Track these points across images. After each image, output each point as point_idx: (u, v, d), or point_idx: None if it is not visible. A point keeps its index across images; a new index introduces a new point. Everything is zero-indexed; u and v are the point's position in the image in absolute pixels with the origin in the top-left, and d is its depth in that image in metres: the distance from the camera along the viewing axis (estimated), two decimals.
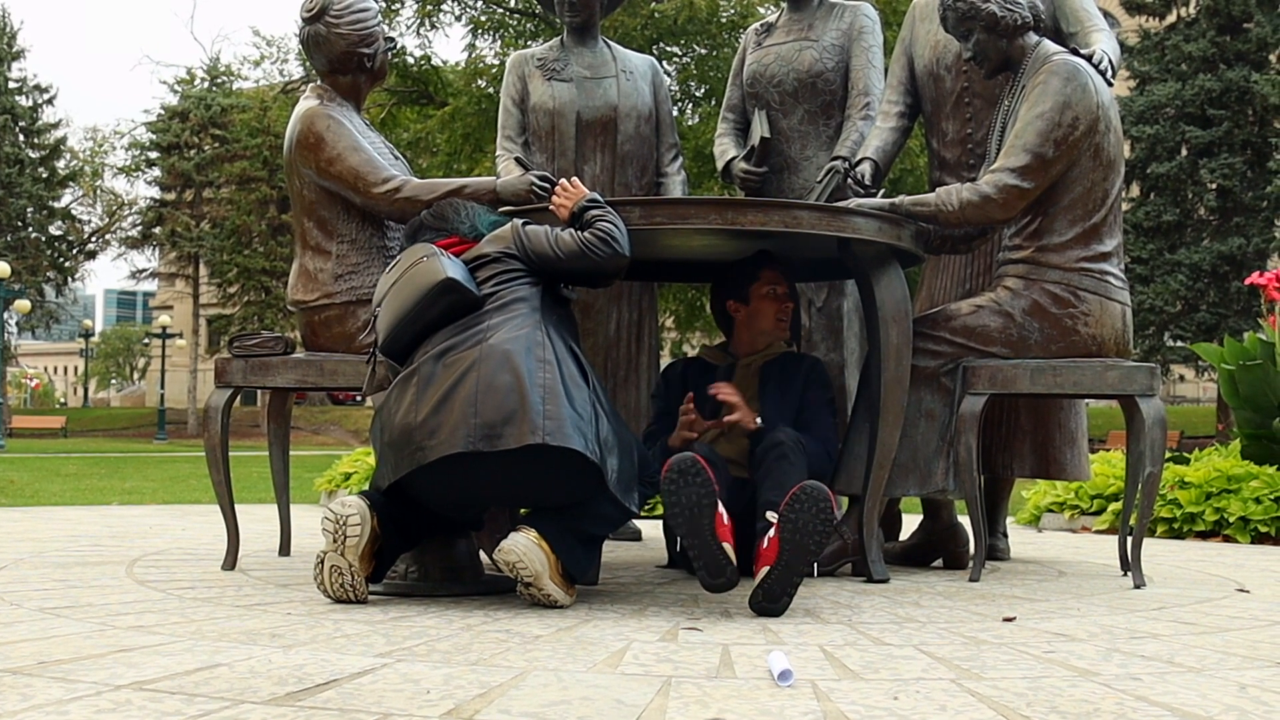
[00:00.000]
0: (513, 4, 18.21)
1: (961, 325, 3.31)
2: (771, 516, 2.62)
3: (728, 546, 2.52)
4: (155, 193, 38.51)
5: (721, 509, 2.55)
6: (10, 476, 10.05)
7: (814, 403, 3.31)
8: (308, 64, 22.73)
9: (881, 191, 3.68)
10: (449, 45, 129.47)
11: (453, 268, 2.79)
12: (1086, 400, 3.63)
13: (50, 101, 37.83)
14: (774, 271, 3.36)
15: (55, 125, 38.00)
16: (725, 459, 3.20)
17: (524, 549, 2.57)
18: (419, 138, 18.37)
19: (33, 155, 36.96)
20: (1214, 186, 22.35)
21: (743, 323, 3.41)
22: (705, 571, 2.50)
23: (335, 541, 2.61)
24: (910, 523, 4.16)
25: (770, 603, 2.52)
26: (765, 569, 2.52)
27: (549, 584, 2.60)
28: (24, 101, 37.09)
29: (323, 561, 2.64)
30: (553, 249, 2.88)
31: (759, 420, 3.17)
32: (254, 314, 35.27)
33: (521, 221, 2.98)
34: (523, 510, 3.00)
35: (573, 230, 2.92)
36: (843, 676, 1.91)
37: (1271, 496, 5.05)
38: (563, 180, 3.11)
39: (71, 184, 38.68)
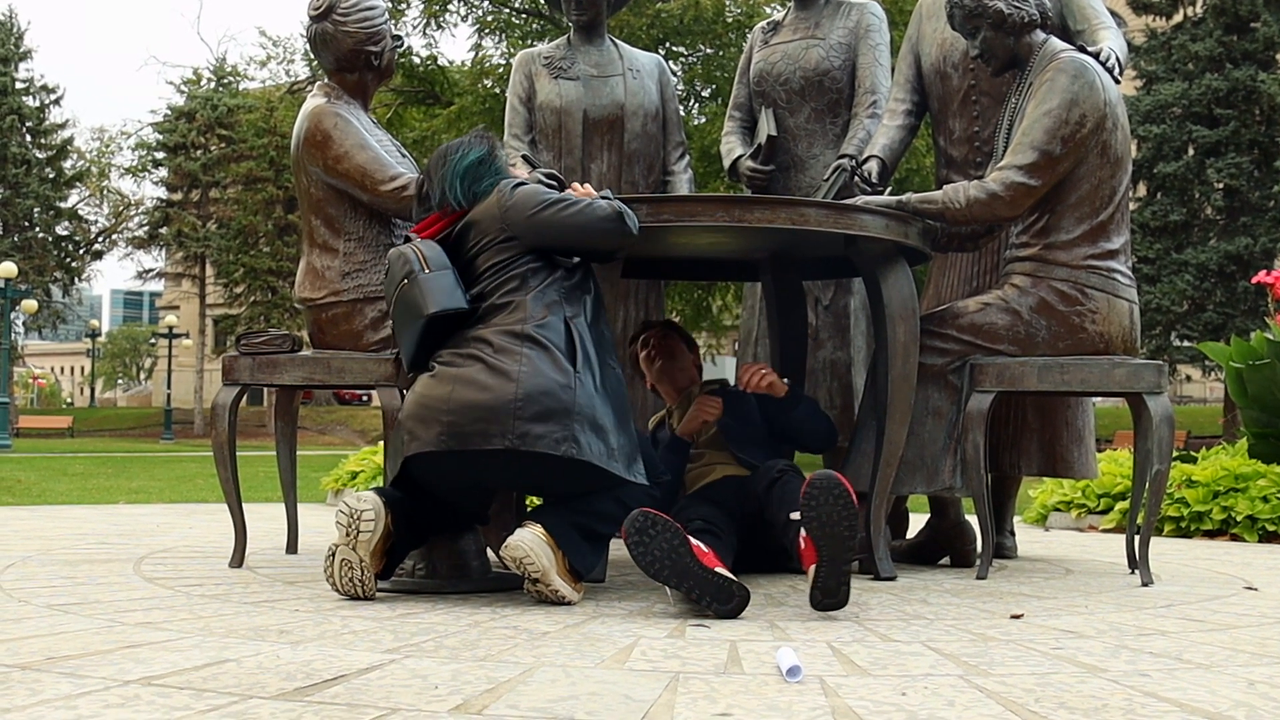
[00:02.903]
0: (519, 4, 18.22)
1: (969, 323, 3.31)
2: (795, 515, 2.60)
3: (722, 570, 2.49)
4: (162, 193, 38.60)
5: (694, 540, 2.52)
6: (18, 476, 10.07)
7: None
8: (314, 64, 22.76)
9: (888, 189, 3.68)
10: (455, 45, 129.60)
11: (434, 295, 2.72)
12: (1094, 399, 3.62)
13: (57, 102, 37.93)
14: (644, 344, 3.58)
15: (62, 125, 38.10)
16: (718, 459, 3.32)
17: (530, 545, 2.58)
18: (424, 136, 18.37)
19: (39, 155, 37.06)
20: (1221, 186, 22.28)
21: None
22: (716, 601, 2.46)
23: (348, 535, 2.62)
24: (917, 520, 4.15)
25: (830, 597, 2.48)
26: (813, 567, 2.50)
27: (556, 580, 2.60)
28: (31, 102, 37.19)
29: (334, 555, 2.64)
30: (546, 203, 2.79)
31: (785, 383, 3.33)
32: (260, 314, 35.31)
33: (510, 184, 2.88)
34: (529, 507, 3.01)
35: None
36: (851, 673, 1.91)
37: (1279, 495, 5.04)
38: (574, 184, 3.10)
39: (78, 184, 38.77)
